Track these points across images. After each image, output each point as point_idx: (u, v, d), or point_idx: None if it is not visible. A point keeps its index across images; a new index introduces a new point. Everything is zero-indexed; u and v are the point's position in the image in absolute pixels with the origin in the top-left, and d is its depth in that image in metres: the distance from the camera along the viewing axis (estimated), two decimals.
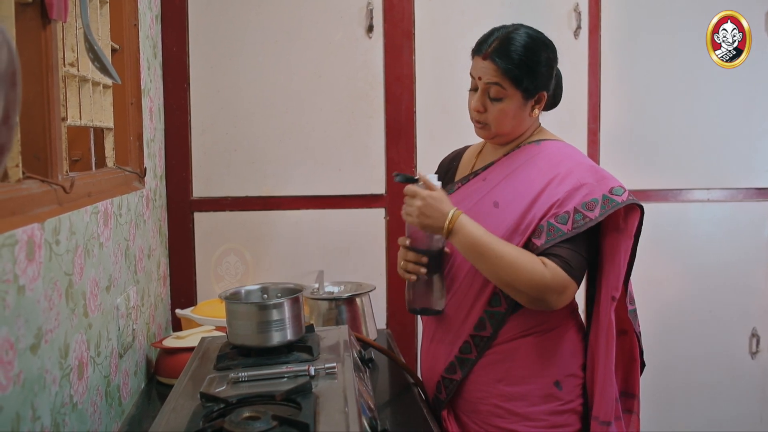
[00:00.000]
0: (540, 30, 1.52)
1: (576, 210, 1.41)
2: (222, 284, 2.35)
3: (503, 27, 1.50)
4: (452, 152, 1.75)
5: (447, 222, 1.41)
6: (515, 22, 1.52)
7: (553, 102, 1.58)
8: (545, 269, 1.38)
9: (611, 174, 1.48)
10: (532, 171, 1.49)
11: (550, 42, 1.51)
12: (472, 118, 1.53)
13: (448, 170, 1.70)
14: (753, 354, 2.63)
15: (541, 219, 1.42)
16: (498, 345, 1.49)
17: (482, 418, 1.50)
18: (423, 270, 1.47)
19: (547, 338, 1.49)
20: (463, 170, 1.66)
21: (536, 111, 1.51)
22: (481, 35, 1.51)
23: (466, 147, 1.72)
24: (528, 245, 1.43)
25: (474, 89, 1.51)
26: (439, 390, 1.56)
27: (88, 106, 1.44)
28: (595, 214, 1.40)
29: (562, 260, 1.39)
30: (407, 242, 1.50)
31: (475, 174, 1.59)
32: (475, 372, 1.51)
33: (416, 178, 1.47)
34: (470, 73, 1.51)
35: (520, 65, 1.44)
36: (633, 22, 2.49)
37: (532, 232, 1.43)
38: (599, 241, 1.48)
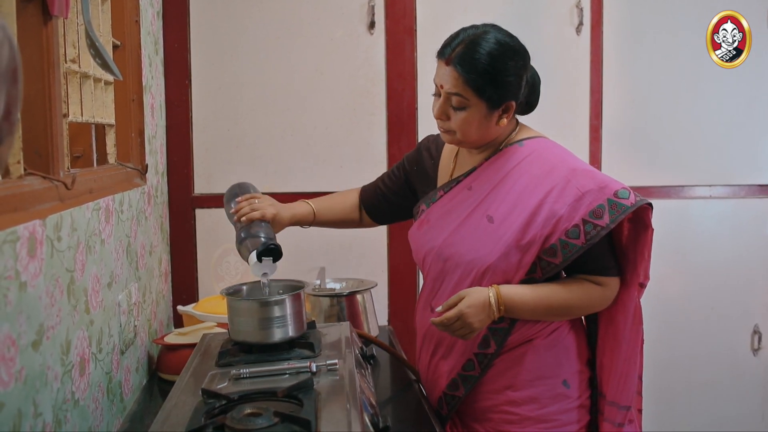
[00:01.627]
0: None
1: (585, 221, 1.37)
2: (222, 285, 2.34)
3: (472, 28, 1.41)
4: (431, 138, 1.66)
5: (496, 312, 1.39)
6: (487, 23, 1.44)
7: (527, 108, 1.51)
8: (600, 288, 1.44)
9: (609, 175, 1.45)
10: (524, 179, 1.44)
11: (521, 48, 1.42)
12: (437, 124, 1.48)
13: (427, 160, 1.63)
14: (755, 351, 2.63)
15: (550, 237, 1.39)
16: (503, 354, 1.47)
17: (494, 426, 1.49)
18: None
19: (550, 340, 1.48)
20: (443, 173, 1.60)
21: (504, 120, 1.43)
22: (447, 37, 1.43)
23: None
24: (541, 263, 1.41)
25: (437, 95, 1.44)
26: (441, 406, 1.54)
27: (90, 103, 1.44)
28: (606, 221, 1.37)
29: (604, 268, 1.44)
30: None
31: (457, 181, 1.53)
32: (481, 384, 1.49)
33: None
34: (433, 79, 1.44)
35: (484, 75, 1.36)
36: (635, 18, 2.49)
37: (539, 248, 1.39)
38: (612, 232, 1.48)
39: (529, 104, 1.51)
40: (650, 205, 1.42)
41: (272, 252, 1.43)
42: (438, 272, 1.51)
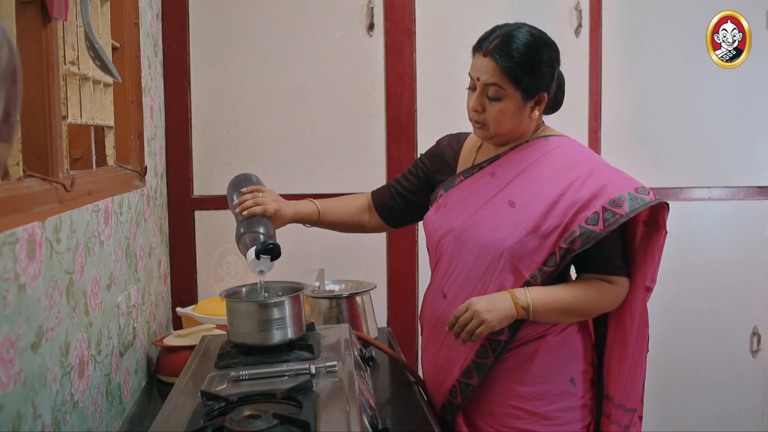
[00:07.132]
0: (541, 28, 1.51)
1: (604, 209, 1.40)
2: (222, 285, 2.34)
3: (506, 25, 1.48)
4: (451, 135, 1.71)
5: (514, 308, 1.41)
6: (518, 21, 1.50)
7: (554, 105, 1.56)
8: (613, 286, 1.47)
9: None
10: (547, 169, 1.48)
11: (553, 42, 1.49)
12: (470, 118, 1.51)
13: (447, 152, 1.66)
14: (754, 352, 2.63)
15: (570, 225, 1.41)
16: (516, 348, 1.48)
17: (499, 421, 1.49)
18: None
19: (561, 337, 1.49)
20: (463, 162, 1.63)
21: (536, 112, 1.49)
22: (482, 33, 1.49)
23: (467, 134, 1.68)
24: (560, 251, 1.42)
25: (472, 88, 1.49)
26: (454, 395, 1.53)
27: (89, 105, 1.44)
28: (625, 210, 1.40)
29: (615, 267, 1.46)
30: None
31: (479, 167, 1.56)
32: (492, 376, 1.49)
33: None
34: (469, 73, 1.49)
35: (521, 64, 1.42)
36: (634, 20, 2.49)
37: (559, 237, 1.42)
38: (626, 232, 1.50)
39: (555, 102, 1.56)
40: (667, 205, 1.46)
41: (271, 251, 1.42)
42: (453, 255, 1.53)
